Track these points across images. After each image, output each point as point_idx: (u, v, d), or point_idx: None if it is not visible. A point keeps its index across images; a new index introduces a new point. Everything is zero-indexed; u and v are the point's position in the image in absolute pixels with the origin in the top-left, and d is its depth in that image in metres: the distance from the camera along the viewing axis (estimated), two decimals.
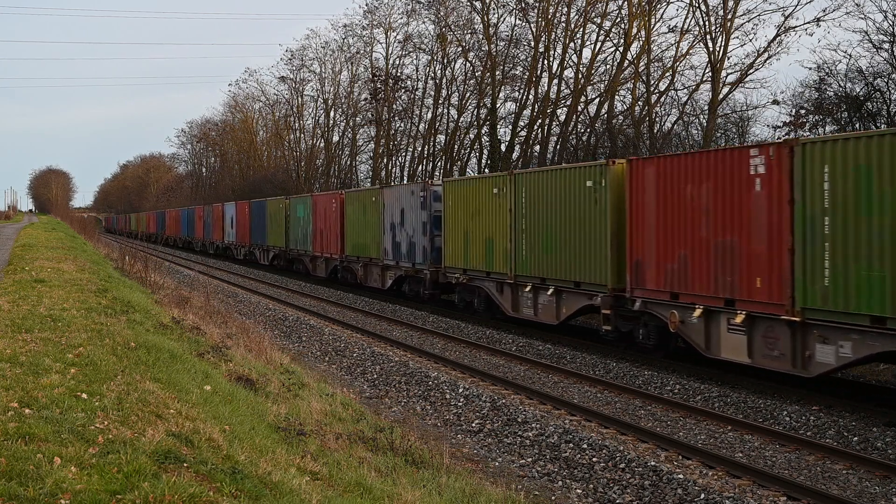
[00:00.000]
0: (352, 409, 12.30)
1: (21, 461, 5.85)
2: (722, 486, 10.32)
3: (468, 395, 15.10)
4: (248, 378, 11.74)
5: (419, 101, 54.36)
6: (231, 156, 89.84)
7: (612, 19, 40.11)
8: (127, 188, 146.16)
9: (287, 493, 6.48)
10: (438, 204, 26.52)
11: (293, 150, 74.15)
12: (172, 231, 79.60)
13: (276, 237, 44.24)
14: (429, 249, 26.94)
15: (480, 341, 21.19)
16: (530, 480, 10.97)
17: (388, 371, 17.56)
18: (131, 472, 5.91)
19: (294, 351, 19.89)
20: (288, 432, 9.32)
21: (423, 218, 27.42)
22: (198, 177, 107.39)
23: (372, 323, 24.88)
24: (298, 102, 71.82)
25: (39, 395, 7.71)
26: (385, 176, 57.27)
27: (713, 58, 34.18)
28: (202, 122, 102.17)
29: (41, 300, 14.47)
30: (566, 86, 42.74)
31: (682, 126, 36.90)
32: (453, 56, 51.06)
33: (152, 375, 9.38)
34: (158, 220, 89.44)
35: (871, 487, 10.45)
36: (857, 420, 13.17)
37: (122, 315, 14.09)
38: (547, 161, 41.01)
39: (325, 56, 65.70)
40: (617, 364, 17.96)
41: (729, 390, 15.32)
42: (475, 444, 12.66)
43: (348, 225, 33.95)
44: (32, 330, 11.25)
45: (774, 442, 12.27)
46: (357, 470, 8.39)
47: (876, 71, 27.52)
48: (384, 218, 30.40)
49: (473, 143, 50.65)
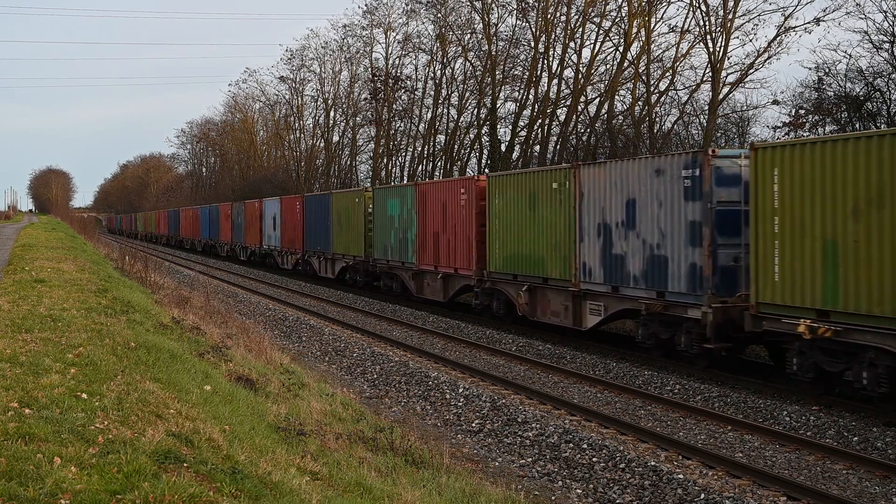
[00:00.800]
0: (352, 409, 12.31)
1: (21, 461, 5.85)
2: (722, 486, 10.32)
3: (468, 395, 15.10)
4: (248, 378, 11.74)
5: (419, 101, 54.38)
6: (231, 156, 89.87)
7: (611, 19, 40.14)
8: (127, 188, 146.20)
9: (287, 493, 6.48)
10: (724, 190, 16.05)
11: (293, 150, 74.18)
12: (189, 232, 70.69)
13: (348, 242, 34.05)
14: None
15: (480, 341, 21.19)
16: (530, 480, 10.97)
17: (388, 371, 17.56)
18: (131, 472, 5.91)
19: (294, 351, 19.89)
20: (288, 432, 9.32)
21: (692, 215, 16.35)
22: (198, 177, 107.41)
23: (372, 323, 24.88)
24: (298, 102, 71.89)
25: (39, 395, 7.71)
26: (385, 176, 57.27)
27: (713, 58, 34.17)
28: (202, 122, 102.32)
29: (41, 300, 14.46)
30: (566, 86, 42.76)
31: (682, 126, 36.91)
32: (453, 56, 51.11)
33: (152, 375, 9.37)
34: (171, 221, 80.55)
35: (871, 487, 10.45)
36: (857, 420, 13.17)
37: (122, 315, 14.09)
38: (547, 161, 41.03)
39: (325, 56, 65.76)
40: (617, 364, 17.96)
41: (729, 390, 15.32)
42: (475, 444, 12.66)
43: (499, 226, 23.12)
44: (32, 330, 11.25)
45: (774, 442, 12.27)
46: (357, 470, 8.39)
47: (876, 71, 27.53)
48: (583, 215, 19.56)
49: (473, 143, 50.65)
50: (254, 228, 48.93)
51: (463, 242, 24.88)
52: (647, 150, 34.76)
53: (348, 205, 34.07)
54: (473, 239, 24.27)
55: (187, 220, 71.88)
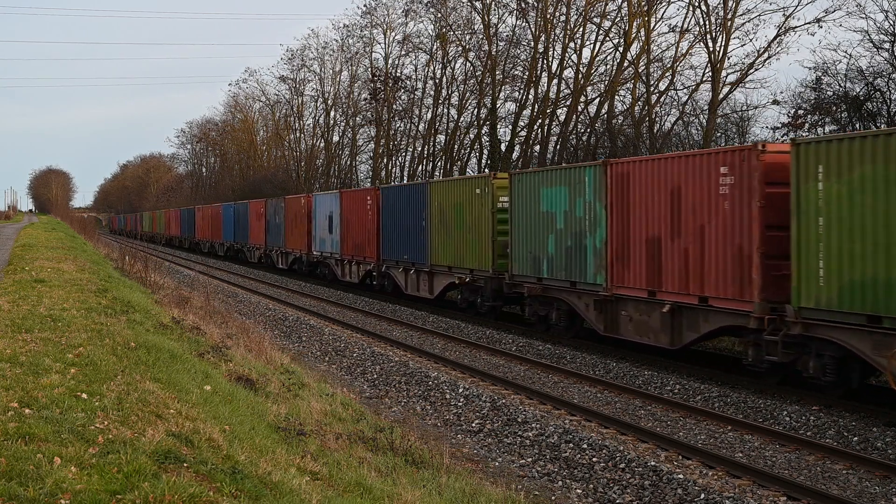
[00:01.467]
0: (352, 409, 12.31)
1: (21, 461, 5.85)
2: (722, 486, 10.32)
3: (468, 395, 15.10)
4: (248, 378, 11.75)
5: (419, 101, 54.37)
6: (231, 156, 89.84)
7: (611, 19, 40.14)
8: (127, 188, 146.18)
9: (287, 493, 6.48)
10: None
11: (293, 150, 74.17)
12: (208, 234, 62.18)
13: (468, 252, 24.69)
14: None
15: (480, 341, 21.19)
16: (530, 480, 10.97)
17: (388, 371, 17.56)
18: (131, 472, 5.91)
19: (294, 351, 19.89)
20: (288, 432, 9.32)
21: None
22: (198, 177, 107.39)
23: (372, 323, 24.87)
24: (298, 102, 71.88)
25: (39, 395, 7.71)
26: (385, 176, 57.26)
27: (713, 58, 34.16)
28: (202, 122, 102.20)
29: (41, 300, 14.46)
30: (566, 86, 42.76)
31: (682, 126, 36.90)
32: (453, 56, 51.10)
33: (152, 375, 9.37)
34: (184, 221, 71.58)
35: (871, 487, 10.45)
36: (857, 420, 13.17)
37: (122, 315, 14.09)
38: (547, 161, 41.03)
39: (325, 56, 65.77)
40: (617, 364, 17.96)
41: (729, 390, 15.32)
42: (475, 444, 12.66)
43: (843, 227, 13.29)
44: (32, 330, 11.25)
45: (774, 442, 12.27)
46: (357, 470, 8.39)
47: (876, 71, 27.51)
48: None
49: (473, 143, 50.64)
50: (297, 231, 40.43)
51: (718, 255, 15.50)
52: (647, 150, 34.75)
53: (461, 198, 25.20)
54: (690, 246, 16.07)
55: (205, 220, 63.11)
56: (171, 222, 78.33)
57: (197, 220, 66.57)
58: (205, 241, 63.73)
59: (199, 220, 65.82)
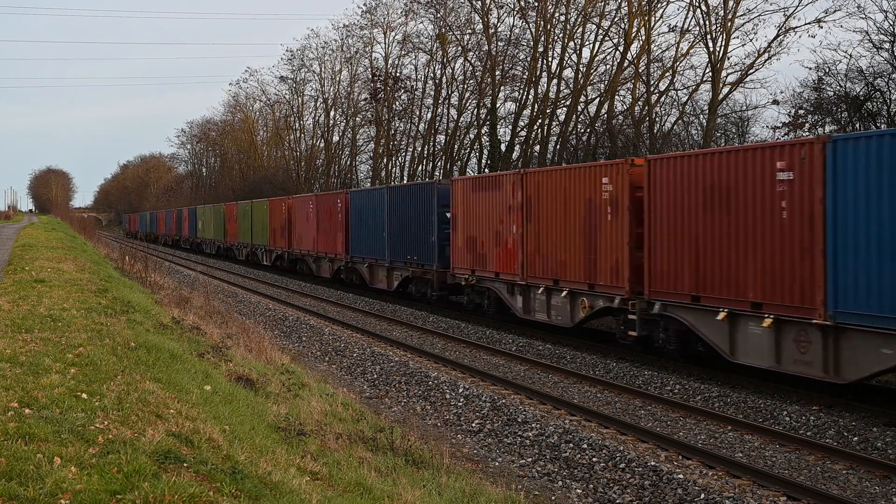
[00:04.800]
0: (352, 409, 12.30)
1: (21, 461, 5.85)
2: (722, 486, 10.32)
3: (468, 395, 15.10)
4: (248, 378, 11.75)
5: (419, 101, 54.38)
6: (231, 156, 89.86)
7: (611, 19, 40.13)
8: (127, 188, 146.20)
9: (287, 493, 6.48)
10: None
11: (293, 150, 74.19)
12: (234, 237, 54.34)
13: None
14: None
15: (480, 341, 21.19)
16: (530, 480, 10.97)
17: (388, 371, 17.56)
18: (131, 472, 5.91)
19: (294, 351, 19.89)
20: (288, 432, 9.32)
21: None
22: (198, 177, 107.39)
23: (372, 323, 24.87)
24: (298, 102, 71.91)
25: (39, 395, 7.71)
26: (385, 176, 57.27)
27: (713, 58, 34.17)
28: (202, 122, 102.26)
29: (41, 300, 14.46)
30: (566, 86, 42.76)
31: (682, 126, 36.91)
32: (453, 56, 51.12)
33: (152, 375, 9.38)
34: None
35: (871, 487, 10.45)
36: (857, 420, 13.17)
37: (122, 315, 14.08)
38: (547, 161, 41.02)
39: (325, 56, 65.78)
40: (617, 364, 17.96)
41: (729, 390, 15.32)
42: (475, 444, 12.66)
43: None
44: (32, 330, 11.25)
45: (774, 442, 12.27)
46: (357, 470, 8.39)
47: (876, 71, 27.51)
48: None
49: (473, 143, 50.65)
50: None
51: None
52: (646, 150, 34.74)
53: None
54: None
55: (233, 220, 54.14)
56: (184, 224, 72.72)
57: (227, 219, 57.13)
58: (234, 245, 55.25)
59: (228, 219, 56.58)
